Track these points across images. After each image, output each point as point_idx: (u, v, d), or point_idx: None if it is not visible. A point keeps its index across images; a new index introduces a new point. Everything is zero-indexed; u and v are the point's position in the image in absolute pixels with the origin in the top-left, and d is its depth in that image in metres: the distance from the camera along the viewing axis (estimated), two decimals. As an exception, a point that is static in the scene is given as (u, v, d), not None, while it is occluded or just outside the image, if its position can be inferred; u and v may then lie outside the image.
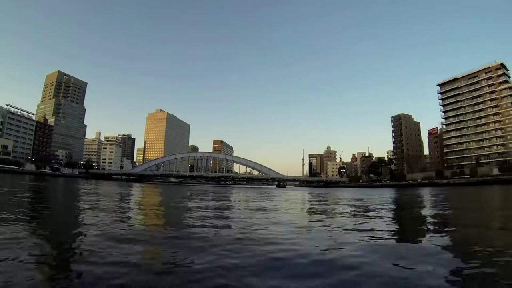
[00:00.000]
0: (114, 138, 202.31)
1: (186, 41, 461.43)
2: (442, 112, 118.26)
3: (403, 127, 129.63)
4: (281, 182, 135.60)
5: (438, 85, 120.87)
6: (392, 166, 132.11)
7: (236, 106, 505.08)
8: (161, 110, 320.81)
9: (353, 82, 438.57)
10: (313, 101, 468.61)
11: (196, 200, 23.50)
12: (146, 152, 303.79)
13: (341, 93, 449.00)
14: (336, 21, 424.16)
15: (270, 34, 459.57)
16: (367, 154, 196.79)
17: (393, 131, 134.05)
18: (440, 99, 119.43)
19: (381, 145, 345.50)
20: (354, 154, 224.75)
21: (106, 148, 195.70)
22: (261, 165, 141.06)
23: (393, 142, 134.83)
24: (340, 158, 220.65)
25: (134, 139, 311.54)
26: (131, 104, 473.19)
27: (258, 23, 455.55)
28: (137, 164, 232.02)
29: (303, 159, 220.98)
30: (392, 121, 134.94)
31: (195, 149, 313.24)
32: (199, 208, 16.04)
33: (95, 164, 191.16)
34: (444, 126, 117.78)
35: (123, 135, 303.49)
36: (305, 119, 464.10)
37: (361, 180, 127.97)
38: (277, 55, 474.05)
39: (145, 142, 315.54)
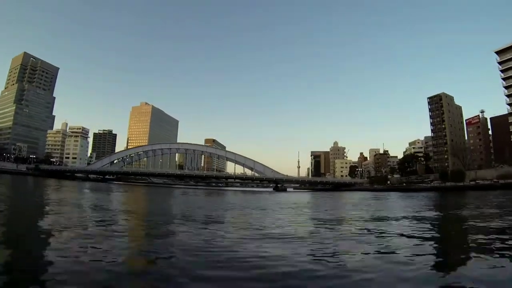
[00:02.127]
0: (79, 128, 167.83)
1: (179, 38, 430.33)
2: (504, 87, 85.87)
3: (445, 110, 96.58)
4: (280, 184, 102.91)
5: (496, 52, 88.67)
6: (430, 163, 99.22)
7: (229, 104, 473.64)
8: (146, 103, 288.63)
9: (353, 78, 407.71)
10: (312, 99, 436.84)
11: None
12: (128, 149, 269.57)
13: (345, 90, 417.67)
14: (334, 19, 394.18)
15: (266, 31, 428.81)
16: (381, 151, 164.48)
17: (430, 117, 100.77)
18: (500, 71, 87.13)
19: (394, 142, 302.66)
20: (361, 153, 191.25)
21: (70, 141, 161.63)
22: (254, 161, 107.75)
23: (432, 130, 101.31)
24: (346, 157, 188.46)
25: (115, 134, 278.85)
26: (116, 100, 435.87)
27: (256, 20, 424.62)
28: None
29: (298, 162, 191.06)
30: (429, 103, 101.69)
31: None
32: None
33: (57, 159, 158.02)
34: (509, 107, 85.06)
35: (104, 130, 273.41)
36: (303, 119, 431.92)
37: (389, 182, 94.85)
38: (273, 53, 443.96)
39: (128, 138, 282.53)
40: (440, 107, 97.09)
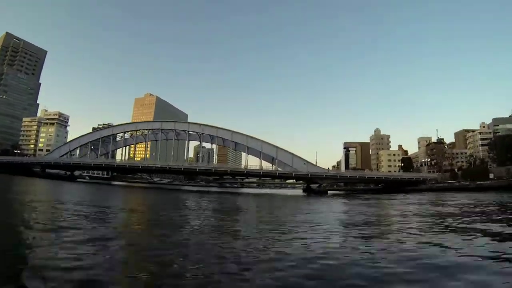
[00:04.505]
0: (56, 114, 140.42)
1: (181, 34, 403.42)
2: None
3: None
4: (318, 182, 70.19)
5: None
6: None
7: (245, 100, 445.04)
8: (150, 94, 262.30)
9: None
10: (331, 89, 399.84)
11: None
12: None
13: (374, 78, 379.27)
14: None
15: (287, 11, 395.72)
16: (433, 140, 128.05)
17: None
18: None
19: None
20: (400, 146, 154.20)
21: (45, 129, 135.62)
22: (276, 147, 74.20)
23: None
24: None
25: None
26: (120, 93, 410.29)
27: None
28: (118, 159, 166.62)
29: (316, 162, 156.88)
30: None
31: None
32: None
33: (31, 151, 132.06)
34: None
35: (103, 124, 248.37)
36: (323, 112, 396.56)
37: (491, 175, 59.76)
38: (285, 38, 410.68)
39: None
40: None
